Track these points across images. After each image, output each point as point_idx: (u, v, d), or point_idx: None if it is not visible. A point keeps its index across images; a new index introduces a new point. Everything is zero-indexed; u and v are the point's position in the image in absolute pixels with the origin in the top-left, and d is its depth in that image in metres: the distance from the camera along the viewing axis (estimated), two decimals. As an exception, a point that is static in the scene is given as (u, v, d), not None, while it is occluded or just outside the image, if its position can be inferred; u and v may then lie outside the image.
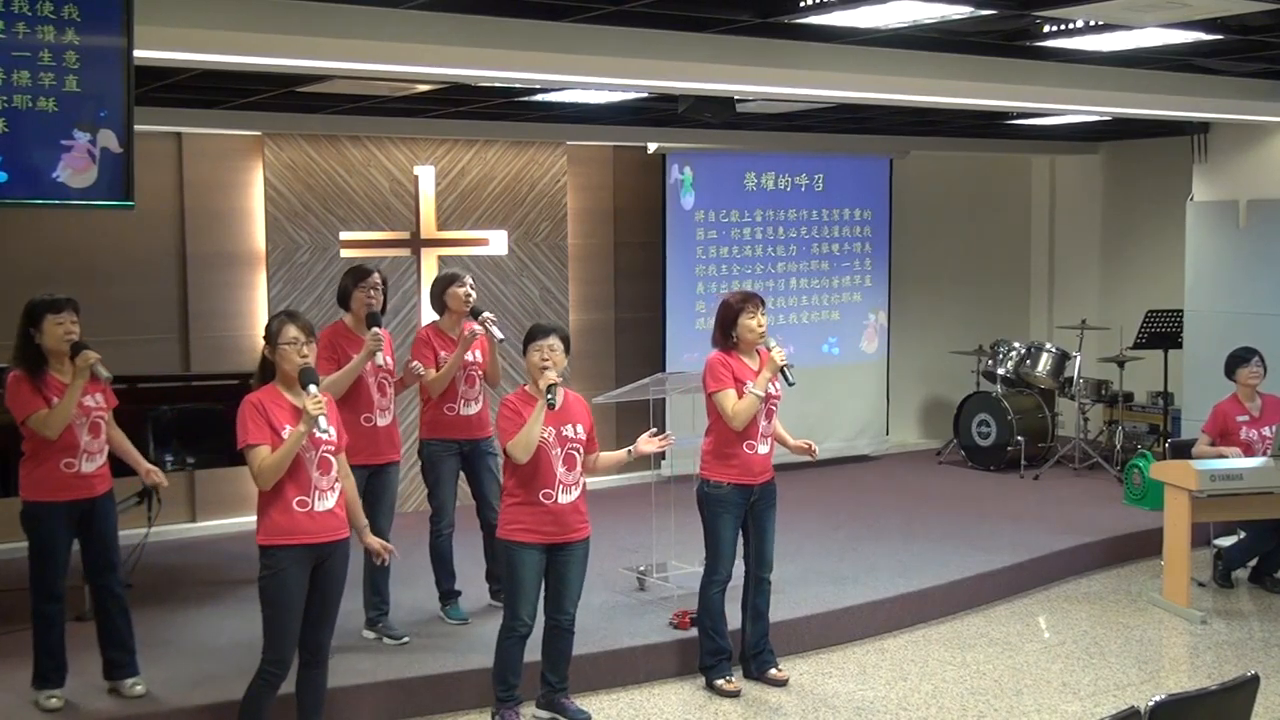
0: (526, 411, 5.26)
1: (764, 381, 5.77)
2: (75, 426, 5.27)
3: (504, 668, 5.45)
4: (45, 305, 5.27)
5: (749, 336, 5.83)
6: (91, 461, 5.36)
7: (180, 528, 8.52)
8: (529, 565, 5.32)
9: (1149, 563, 8.15)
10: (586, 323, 10.11)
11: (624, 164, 10.22)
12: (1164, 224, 11.17)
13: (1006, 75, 7.24)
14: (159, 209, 8.43)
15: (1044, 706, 5.88)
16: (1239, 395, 7.71)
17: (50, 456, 5.26)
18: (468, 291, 6.47)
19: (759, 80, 6.66)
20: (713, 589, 5.97)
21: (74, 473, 5.30)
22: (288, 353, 4.79)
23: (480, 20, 5.69)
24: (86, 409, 5.32)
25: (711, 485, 5.88)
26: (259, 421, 4.72)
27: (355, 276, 6.21)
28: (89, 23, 4.49)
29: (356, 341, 6.10)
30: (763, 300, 5.94)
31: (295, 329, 4.82)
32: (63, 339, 5.25)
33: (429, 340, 6.48)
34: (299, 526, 4.76)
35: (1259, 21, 6.13)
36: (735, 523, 5.91)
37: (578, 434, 5.40)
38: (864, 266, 11.16)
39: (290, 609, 4.80)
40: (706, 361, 5.93)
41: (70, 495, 5.30)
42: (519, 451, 5.21)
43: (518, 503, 5.33)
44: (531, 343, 5.37)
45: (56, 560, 5.34)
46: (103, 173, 4.64)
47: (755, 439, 5.85)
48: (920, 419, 12.22)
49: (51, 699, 5.38)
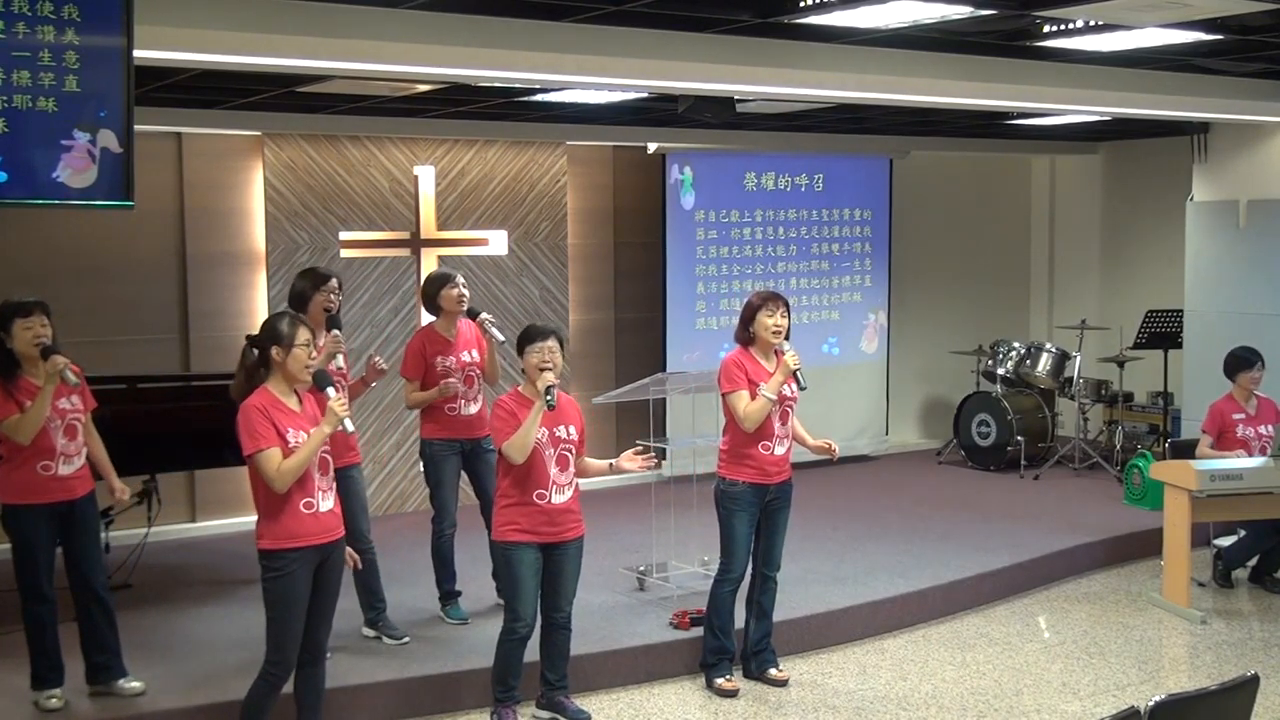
0: (521, 413, 5.26)
1: (776, 384, 5.78)
2: (50, 430, 5.24)
3: (504, 668, 5.45)
4: (13, 309, 5.23)
5: (764, 334, 5.84)
6: (69, 464, 5.33)
7: (180, 528, 8.51)
8: (526, 565, 5.33)
9: (1149, 563, 8.15)
10: (586, 323, 10.10)
11: (624, 164, 10.22)
12: (1164, 224, 11.17)
13: (1006, 75, 7.24)
14: (159, 209, 8.43)
15: (1044, 706, 5.88)
16: (1235, 395, 7.73)
17: (26, 460, 5.23)
18: (460, 293, 6.45)
19: (759, 80, 6.66)
20: (725, 587, 5.99)
21: (51, 475, 5.26)
22: (300, 355, 4.74)
23: (480, 20, 5.69)
24: (62, 412, 5.29)
25: (728, 484, 5.90)
26: (266, 426, 4.66)
27: (314, 281, 6.10)
28: (89, 23, 4.49)
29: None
30: (786, 303, 5.93)
31: (307, 331, 4.80)
32: (31, 343, 5.20)
33: (421, 351, 6.43)
34: (305, 529, 4.74)
35: (1259, 21, 6.13)
36: (750, 521, 5.92)
37: (570, 435, 5.41)
38: (864, 266, 11.16)
39: (296, 612, 4.79)
40: (722, 362, 5.96)
41: (48, 498, 5.27)
42: (515, 452, 5.21)
43: (512, 503, 5.33)
44: (529, 344, 5.36)
45: (39, 562, 5.30)
46: (103, 173, 4.63)
47: (771, 439, 5.86)
48: (920, 419, 12.22)
49: (51, 699, 5.38)
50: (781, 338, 5.86)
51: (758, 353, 5.90)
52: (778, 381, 5.78)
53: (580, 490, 5.50)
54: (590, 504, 5.52)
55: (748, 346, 5.92)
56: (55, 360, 5.19)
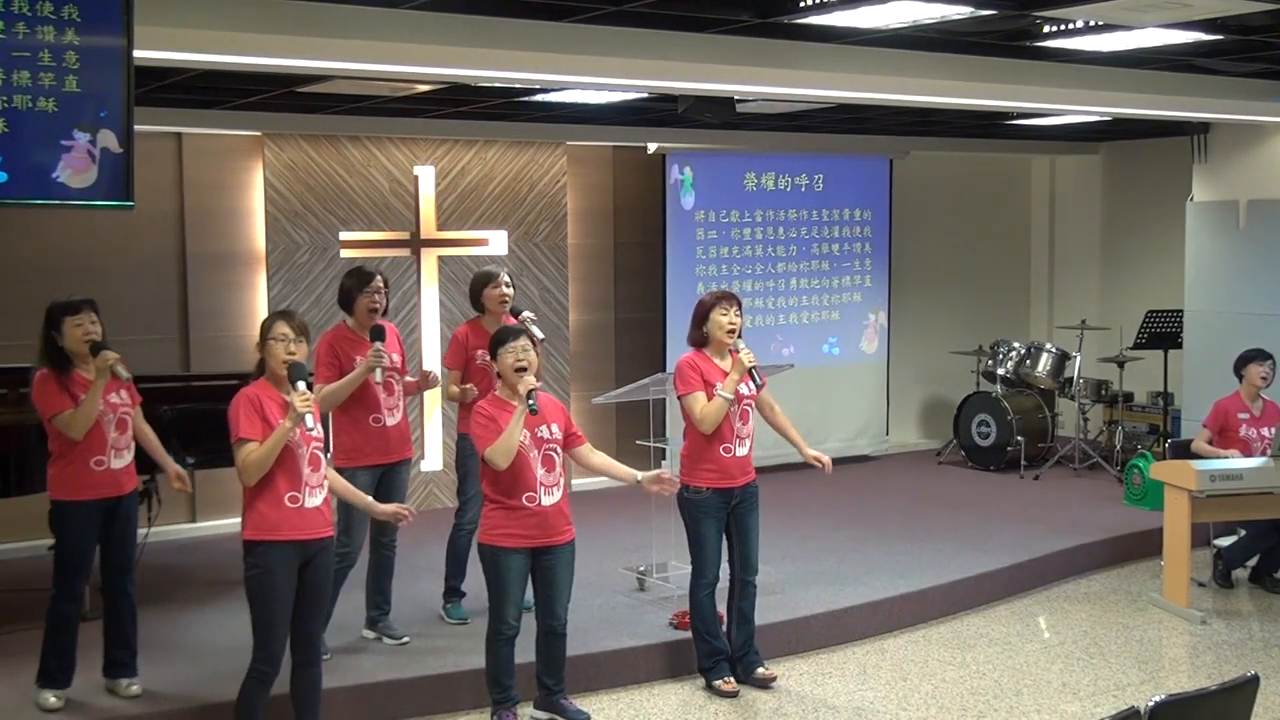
0: (501, 417, 5.21)
1: (732, 384, 5.75)
2: (103, 424, 5.33)
3: (496, 670, 5.43)
4: (62, 308, 5.34)
5: (718, 333, 5.81)
6: (120, 458, 5.43)
7: (180, 528, 8.52)
8: (513, 570, 5.29)
9: (1149, 563, 8.15)
10: (586, 323, 10.11)
11: (624, 164, 10.22)
12: (1164, 224, 11.17)
13: (1006, 75, 7.24)
14: (159, 209, 8.43)
15: (1044, 706, 5.88)
16: (1242, 393, 7.72)
17: (79, 456, 5.31)
18: (503, 293, 6.42)
19: (759, 80, 6.67)
20: (701, 593, 5.95)
21: (104, 469, 5.36)
22: (274, 348, 4.80)
23: (480, 20, 5.69)
24: (113, 406, 5.38)
25: (691, 491, 5.85)
26: (253, 416, 4.73)
27: (359, 280, 6.13)
28: (89, 23, 4.49)
29: (359, 344, 6.04)
30: (739, 301, 5.92)
31: (286, 326, 4.82)
32: (81, 340, 5.30)
33: (465, 341, 6.40)
34: (287, 522, 4.76)
35: (1259, 21, 6.13)
36: (718, 526, 5.89)
37: (554, 434, 5.36)
38: (864, 267, 11.16)
39: (279, 606, 4.79)
40: (676, 364, 5.92)
41: (99, 493, 5.35)
42: (499, 457, 5.15)
43: (499, 508, 5.29)
44: (500, 347, 5.29)
45: (83, 560, 5.39)
46: (103, 173, 4.64)
47: (731, 441, 5.82)
48: (920, 419, 12.23)
49: (52, 699, 5.38)
50: (736, 336, 5.84)
51: (712, 353, 5.88)
52: (734, 380, 5.75)
53: (574, 491, 5.46)
54: (590, 504, 5.53)
55: (701, 348, 5.89)
56: (105, 355, 5.26)
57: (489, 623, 5.42)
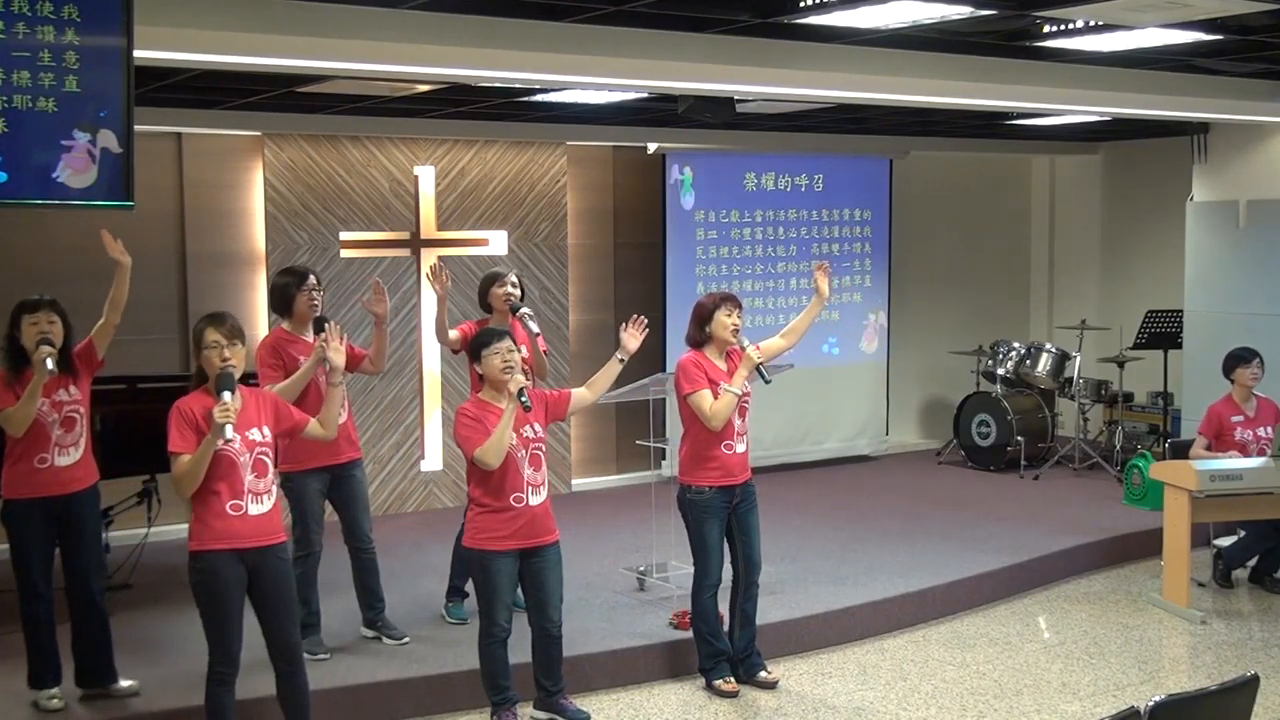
0: (487, 419, 5.20)
1: (740, 379, 5.78)
2: (46, 422, 5.26)
3: (492, 671, 5.43)
4: (21, 306, 5.29)
5: (723, 334, 5.84)
6: (66, 456, 5.33)
7: (180, 528, 8.38)
8: (503, 572, 5.28)
9: (1149, 563, 8.15)
10: (586, 323, 10.10)
11: (624, 164, 10.22)
12: (1164, 224, 11.17)
13: (1006, 75, 7.24)
14: (159, 209, 8.43)
15: (1044, 706, 5.88)
16: (1234, 396, 7.72)
17: (24, 454, 5.27)
18: (508, 292, 6.44)
19: (759, 80, 6.67)
20: (705, 594, 5.95)
21: (48, 467, 5.28)
22: (208, 356, 4.69)
23: (480, 20, 5.69)
24: (59, 404, 5.31)
25: (694, 491, 5.86)
26: (184, 428, 4.63)
27: (297, 278, 6.09)
28: (89, 23, 4.49)
29: (301, 345, 5.99)
30: (740, 304, 5.96)
31: (217, 333, 4.71)
32: (34, 338, 5.22)
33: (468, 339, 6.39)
34: (231, 530, 4.66)
35: (1259, 21, 6.14)
36: (721, 526, 5.90)
37: (538, 433, 5.37)
38: (864, 267, 11.16)
39: (225, 608, 4.70)
40: (678, 364, 5.93)
41: (45, 491, 5.28)
42: (490, 456, 5.13)
43: (487, 510, 5.28)
44: (485, 349, 5.28)
45: (35, 559, 5.29)
46: (103, 173, 4.64)
47: (732, 438, 5.84)
48: (920, 419, 12.22)
49: (52, 699, 5.37)
50: (739, 335, 5.88)
51: (712, 353, 5.90)
52: (742, 376, 5.79)
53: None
54: (590, 504, 5.53)
55: (701, 348, 5.91)
56: (41, 350, 5.18)
57: (480, 625, 5.41)
